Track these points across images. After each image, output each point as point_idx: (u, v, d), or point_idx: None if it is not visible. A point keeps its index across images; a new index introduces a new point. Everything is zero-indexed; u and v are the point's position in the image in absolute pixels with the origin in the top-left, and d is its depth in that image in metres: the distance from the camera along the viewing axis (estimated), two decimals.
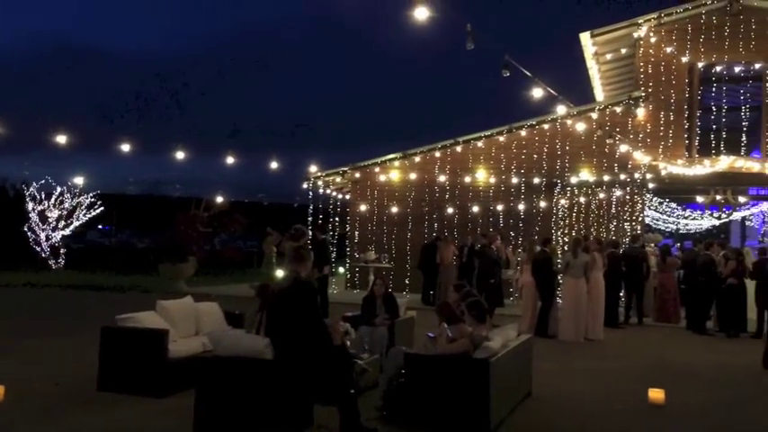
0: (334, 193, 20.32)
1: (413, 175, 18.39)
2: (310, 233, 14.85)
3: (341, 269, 20.28)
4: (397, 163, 18.77)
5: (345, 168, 19.03)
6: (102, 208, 26.50)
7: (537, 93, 10.62)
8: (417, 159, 18.56)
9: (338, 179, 19.47)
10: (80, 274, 21.54)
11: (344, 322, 7.40)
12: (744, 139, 16.81)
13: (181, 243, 19.02)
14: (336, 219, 19.51)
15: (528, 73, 9.77)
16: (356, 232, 18.83)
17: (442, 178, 18.11)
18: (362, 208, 18.75)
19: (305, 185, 18.96)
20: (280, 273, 8.77)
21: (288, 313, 5.42)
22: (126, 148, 11.90)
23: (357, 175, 19.04)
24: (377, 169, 18.82)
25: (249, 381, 5.50)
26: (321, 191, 19.44)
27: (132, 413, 6.10)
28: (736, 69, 16.95)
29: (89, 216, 26.16)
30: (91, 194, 25.92)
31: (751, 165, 16.34)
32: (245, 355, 5.57)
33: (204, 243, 21.31)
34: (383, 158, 18.84)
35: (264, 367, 5.46)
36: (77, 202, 25.49)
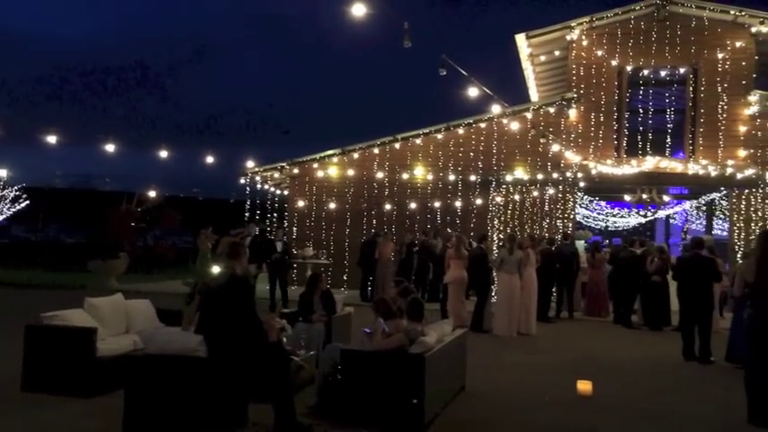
0: (272, 189, 20.13)
1: (351, 172, 18.41)
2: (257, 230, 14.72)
3: None
4: (335, 159, 18.74)
5: (284, 164, 18.88)
6: (27, 201, 25.44)
7: (473, 92, 10.78)
8: (356, 156, 18.59)
9: (276, 175, 19.30)
10: (4, 270, 20.59)
11: (281, 319, 7.35)
12: (668, 140, 17.54)
13: (112, 239, 18.43)
14: (274, 215, 19.32)
15: (464, 72, 9.90)
16: (294, 228, 18.71)
17: (381, 175, 18.20)
18: (300, 204, 18.65)
19: (242, 181, 18.73)
20: (215, 269, 8.63)
21: (222, 309, 5.35)
22: (53, 139, 11.43)
23: (295, 170, 18.92)
24: (315, 165, 18.75)
25: (181, 379, 5.39)
26: (259, 186, 19.23)
27: (58, 414, 5.89)
28: (662, 73, 17.66)
29: (14, 210, 25.07)
30: (15, 187, 24.85)
31: (675, 165, 17.08)
32: (178, 353, 5.47)
33: (136, 239, 20.72)
34: (322, 154, 18.78)
35: (197, 365, 5.37)
36: (1, 196, 24.38)
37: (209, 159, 15.51)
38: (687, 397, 7.57)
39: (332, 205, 18.35)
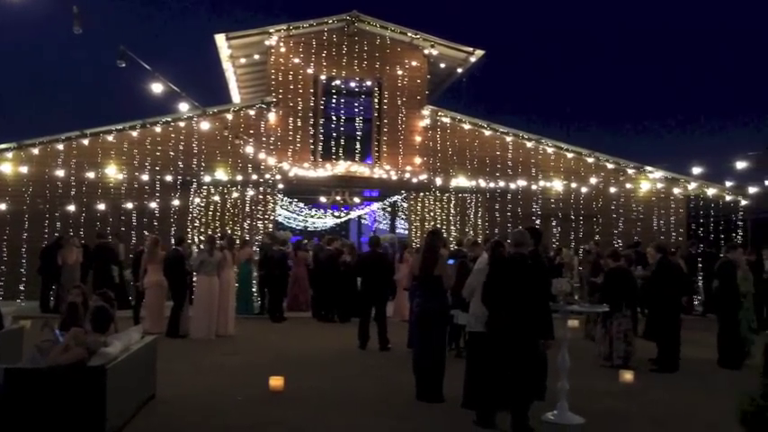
0: None
1: (29, 169, 16.42)
2: None
3: None
4: (9, 154, 16.55)
5: None
6: None
7: (163, 89, 10.40)
8: (36, 151, 16.63)
9: None
10: None
11: None
12: (358, 146, 19.01)
13: None
14: None
15: (147, 66, 9.45)
16: None
17: (65, 173, 16.56)
18: None
19: None
20: None
21: None
22: None
23: None
24: None
25: None
26: None
27: None
28: (352, 84, 19.08)
29: None
30: None
31: (363, 170, 18.60)
32: None
33: None
34: None
35: None
36: None
37: None
38: (368, 381, 8.31)
39: (3, 206, 16.13)
